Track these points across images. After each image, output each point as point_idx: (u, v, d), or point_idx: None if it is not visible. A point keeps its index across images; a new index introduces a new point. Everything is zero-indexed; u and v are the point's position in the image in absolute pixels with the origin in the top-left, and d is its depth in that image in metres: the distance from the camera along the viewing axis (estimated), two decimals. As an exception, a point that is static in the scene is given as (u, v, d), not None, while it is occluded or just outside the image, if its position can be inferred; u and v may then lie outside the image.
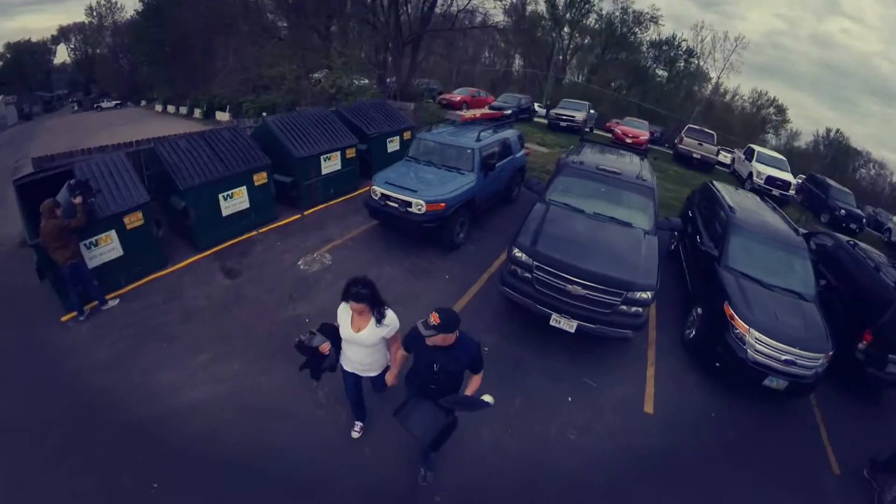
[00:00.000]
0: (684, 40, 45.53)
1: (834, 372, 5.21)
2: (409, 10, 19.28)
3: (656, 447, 4.39)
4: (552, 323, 5.00)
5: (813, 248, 6.85)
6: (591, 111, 21.15)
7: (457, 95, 20.82)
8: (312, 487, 3.68)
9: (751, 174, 15.23)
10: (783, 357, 4.70)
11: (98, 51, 63.71)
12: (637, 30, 44.71)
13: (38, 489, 3.49)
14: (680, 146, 17.59)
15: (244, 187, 7.36)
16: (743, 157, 17.00)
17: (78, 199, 5.05)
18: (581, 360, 5.29)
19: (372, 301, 3.06)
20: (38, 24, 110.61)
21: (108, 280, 5.74)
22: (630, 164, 7.24)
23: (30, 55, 62.93)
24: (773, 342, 4.73)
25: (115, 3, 59.23)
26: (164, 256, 6.58)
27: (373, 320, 3.18)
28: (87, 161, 6.21)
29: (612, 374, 5.17)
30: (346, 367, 3.54)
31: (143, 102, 46.49)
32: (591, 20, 44.99)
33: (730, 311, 5.04)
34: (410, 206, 6.68)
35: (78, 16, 76.24)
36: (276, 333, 5.32)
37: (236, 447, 3.93)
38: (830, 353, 4.80)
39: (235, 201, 7.28)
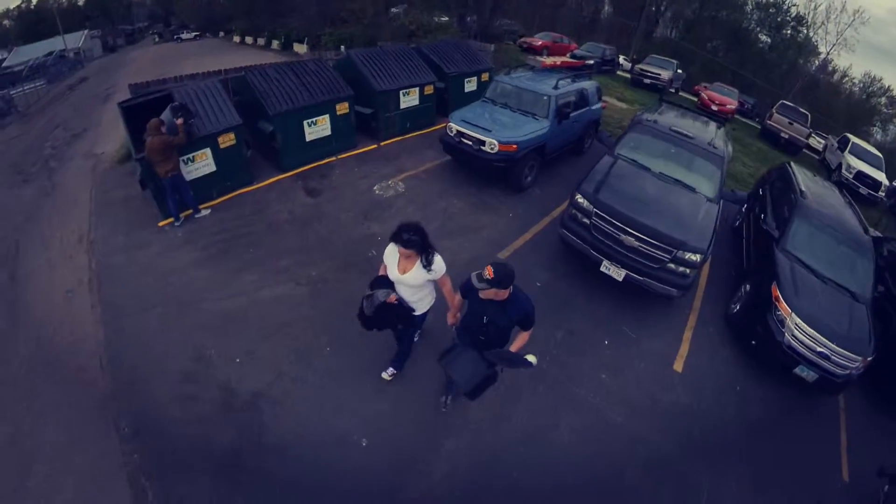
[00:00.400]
0: (794, 5, 40.69)
1: (870, 380, 5.32)
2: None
3: (678, 403, 4.76)
4: (602, 269, 5.41)
5: (883, 254, 6.68)
6: (679, 71, 20.03)
7: (538, 40, 20.10)
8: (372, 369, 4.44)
9: (840, 165, 14.24)
10: (818, 349, 4.82)
11: None
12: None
13: (153, 347, 4.50)
14: (769, 122, 16.53)
15: (327, 115, 7.93)
16: (836, 145, 15.80)
17: (179, 120, 5.81)
18: (624, 310, 5.68)
19: (421, 247, 3.12)
20: None
21: (202, 192, 6.55)
22: (705, 130, 7.19)
23: None
24: (812, 331, 4.85)
25: None
26: (251, 174, 7.34)
27: (418, 263, 3.25)
28: (184, 87, 6.94)
29: (650, 329, 5.53)
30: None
31: (221, 34, 47.37)
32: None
33: (776, 292, 5.18)
34: (484, 145, 7.07)
35: None
36: (351, 248, 6.00)
37: (309, 338, 4.71)
38: (869, 358, 4.83)
39: (319, 128, 7.89)
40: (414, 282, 3.33)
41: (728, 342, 5.71)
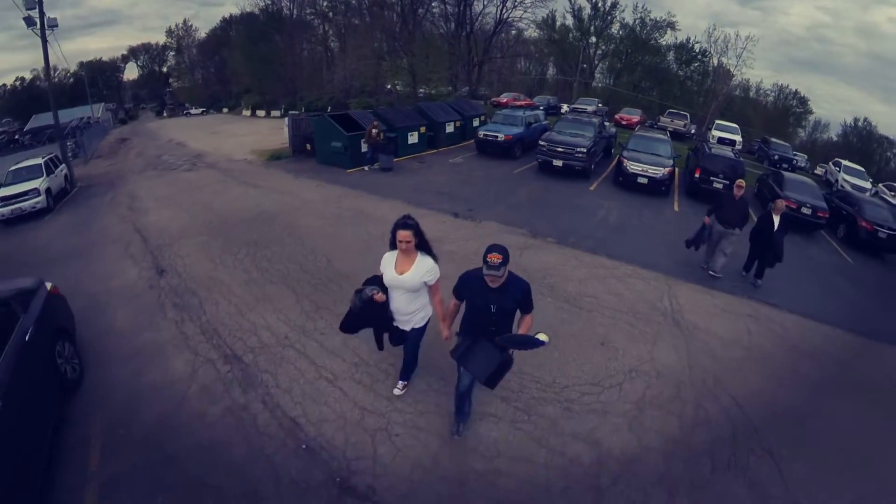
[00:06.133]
0: (697, 42, 54.09)
1: (687, 191, 14.66)
2: (474, 41, 30.20)
3: (590, 203, 13.83)
4: (553, 164, 14.87)
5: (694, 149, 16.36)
6: (600, 105, 31.06)
7: (503, 98, 31.24)
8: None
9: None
10: (639, 170, 14.25)
11: (163, 69, 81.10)
12: (656, 35, 53.84)
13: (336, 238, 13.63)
14: (659, 121, 27.37)
15: (417, 132, 17.62)
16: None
17: (375, 124, 15.15)
18: (567, 179, 14.85)
19: (418, 233, 3.57)
20: (94, 45, 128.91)
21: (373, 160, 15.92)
22: (592, 120, 17.12)
23: (101, 72, 78.71)
24: (636, 165, 14.23)
25: (191, 26, 76.58)
26: (394, 154, 16.73)
27: (416, 262, 3.64)
28: (360, 111, 16.66)
29: (581, 184, 14.65)
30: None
31: (225, 110, 59.80)
32: (615, 29, 54.75)
33: (624, 160, 14.55)
34: (499, 137, 16.80)
35: (131, 38, 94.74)
36: (443, 190, 14.65)
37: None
38: (668, 169, 13.93)
39: (413, 137, 17.49)
40: (411, 283, 3.69)
41: (610, 182, 14.89)
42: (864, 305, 8.91)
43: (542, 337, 3.20)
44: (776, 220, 8.03)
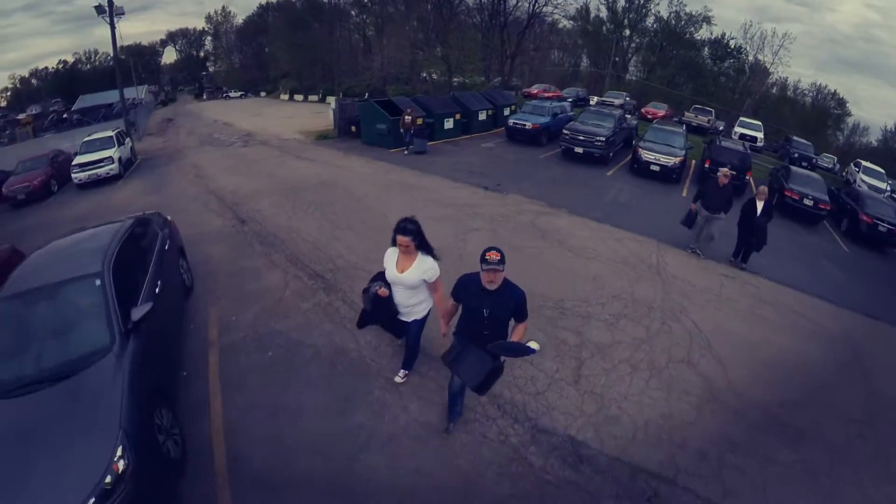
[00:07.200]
0: (732, 38, 54.03)
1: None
2: (507, 35, 31.71)
3: (609, 184, 15.42)
4: (575, 151, 16.40)
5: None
6: (628, 98, 32.21)
7: (534, 89, 32.67)
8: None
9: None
10: (652, 159, 15.67)
11: (201, 53, 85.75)
12: (691, 29, 53.78)
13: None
14: (684, 116, 28.43)
15: (452, 118, 19.40)
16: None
17: (409, 110, 16.96)
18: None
19: (417, 235, 3.79)
20: (129, 30, 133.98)
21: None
22: (614, 111, 18.54)
23: (140, 56, 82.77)
24: (649, 153, 15.63)
25: (230, 12, 79.91)
26: (428, 138, 18.56)
27: (416, 261, 3.88)
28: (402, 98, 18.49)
29: (601, 169, 16.21)
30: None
31: (263, 94, 62.74)
32: (650, 21, 54.96)
33: (639, 149, 16.05)
34: (527, 126, 18.43)
35: (167, 23, 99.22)
36: (475, 169, 16.33)
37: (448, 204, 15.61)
38: (679, 159, 15.43)
39: (449, 123, 19.30)
40: (411, 281, 3.94)
41: (626, 169, 16.34)
42: (844, 283, 10.03)
43: (533, 345, 3.32)
44: (759, 205, 8.66)
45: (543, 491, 3.96)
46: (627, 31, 55.65)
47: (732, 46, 54.30)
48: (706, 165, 15.24)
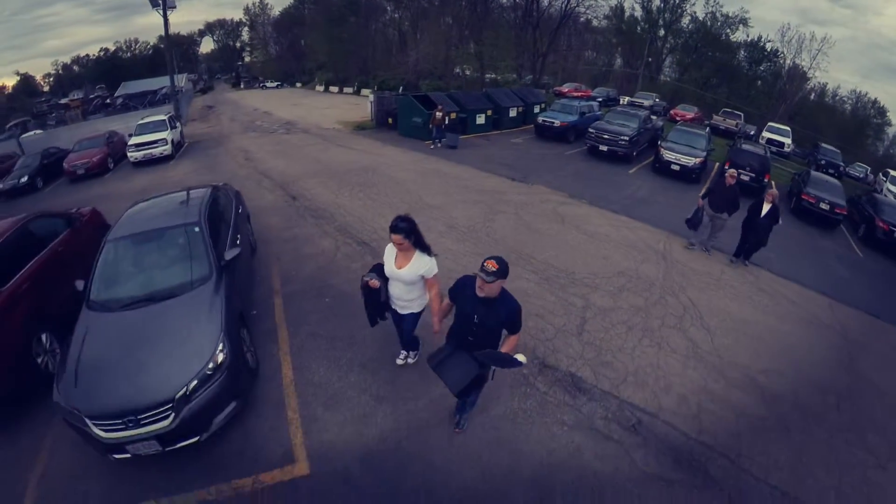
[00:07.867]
0: (769, 41, 53.33)
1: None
2: (539, 34, 32.45)
3: (630, 181, 16.22)
4: (600, 149, 17.19)
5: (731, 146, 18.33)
6: (657, 99, 32.59)
7: (565, 88, 33.36)
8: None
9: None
10: (672, 158, 16.43)
11: (237, 44, 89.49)
12: (727, 31, 53.18)
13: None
14: (714, 119, 28.79)
15: (484, 114, 20.43)
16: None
17: (441, 107, 18.05)
18: (611, 162, 17.23)
19: (411, 233, 3.86)
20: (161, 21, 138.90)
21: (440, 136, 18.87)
22: (640, 111, 19.25)
23: (178, 45, 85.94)
24: (670, 153, 16.37)
25: (267, 4, 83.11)
26: (461, 132, 19.61)
27: (414, 259, 3.98)
28: (437, 94, 19.57)
29: (624, 167, 17.07)
30: (390, 304, 4.46)
31: (299, 84, 64.80)
32: (685, 22, 54.53)
33: (661, 149, 16.75)
34: (555, 123, 19.33)
35: (202, 13, 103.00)
36: (504, 161, 17.43)
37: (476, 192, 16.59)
38: (701, 159, 16.15)
39: (481, 119, 20.35)
40: (408, 277, 4.04)
41: (649, 168, 17.06)
42: (849, 283, 10.42)
43: (520, 357, 3.34)
44: (765, 207, 8.77)
45: (545, 409, 5.02)
46: (662, 32, 55.47)
47: (769, 50, 53.47)
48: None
